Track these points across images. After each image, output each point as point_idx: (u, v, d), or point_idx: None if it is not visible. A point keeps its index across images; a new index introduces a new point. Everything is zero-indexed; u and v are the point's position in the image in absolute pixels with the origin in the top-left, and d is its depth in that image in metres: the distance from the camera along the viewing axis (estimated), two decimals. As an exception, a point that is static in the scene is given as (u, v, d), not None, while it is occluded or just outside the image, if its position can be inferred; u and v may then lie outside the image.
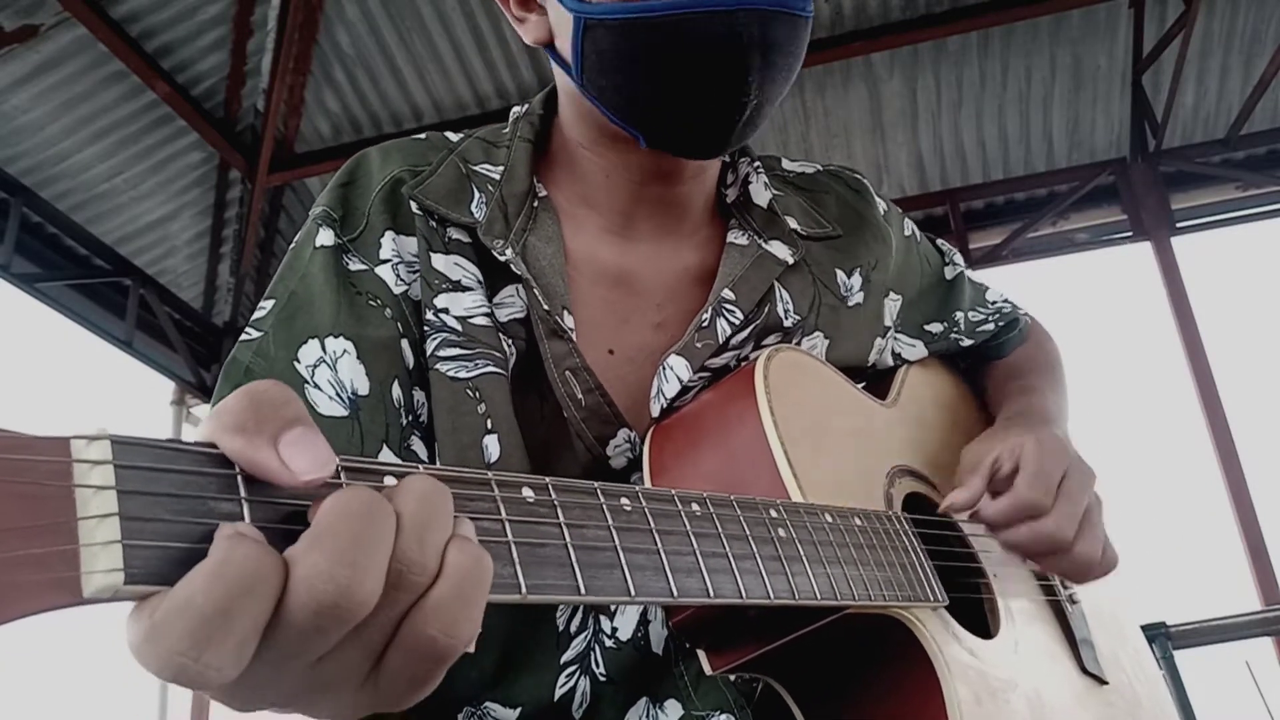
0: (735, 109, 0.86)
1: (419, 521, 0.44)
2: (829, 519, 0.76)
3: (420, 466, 0.48)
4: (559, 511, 0.52)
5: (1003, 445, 0.97)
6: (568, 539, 0.51)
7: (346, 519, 0.42)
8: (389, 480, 0.46)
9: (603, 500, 0.55)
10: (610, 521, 0.54)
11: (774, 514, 0.71)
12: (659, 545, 0.57)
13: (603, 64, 0.87)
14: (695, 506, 0.64)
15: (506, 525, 0.49)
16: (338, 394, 0.82)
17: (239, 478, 0.42)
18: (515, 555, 0.48)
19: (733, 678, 0.86)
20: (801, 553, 0.70)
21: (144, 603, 0.40)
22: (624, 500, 0.57)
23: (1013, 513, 0.92)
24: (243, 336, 0.86)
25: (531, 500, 0.51)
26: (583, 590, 0.49)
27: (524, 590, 0.47)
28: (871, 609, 0.77)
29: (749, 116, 0.87)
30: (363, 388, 0.83)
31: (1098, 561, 0.96)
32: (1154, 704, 1.13)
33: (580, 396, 0.90)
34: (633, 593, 0.52)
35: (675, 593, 0.55)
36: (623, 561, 0.53)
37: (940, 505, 0.96)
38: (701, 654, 0.81)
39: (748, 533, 0.67)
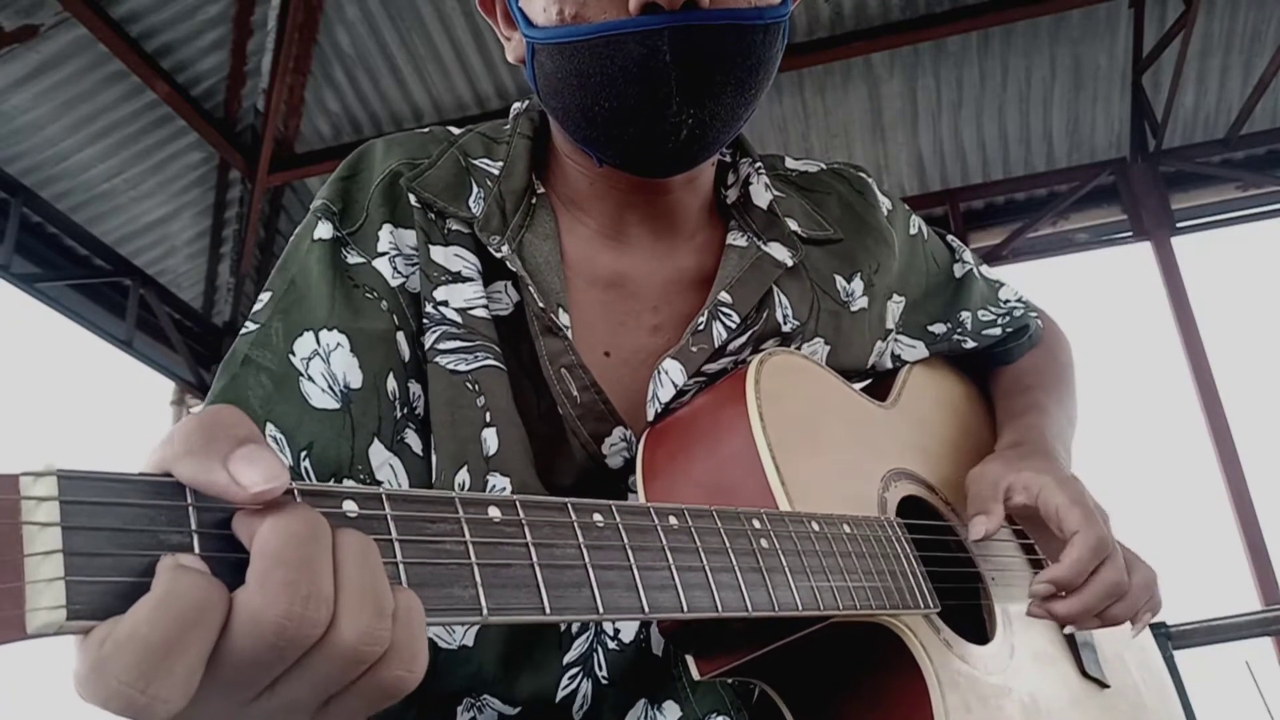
0: (668, 129, 0.83)
1: (361, 582, 0.44)
2: (815, 527, 0.75)
3: (383, 489, 0.48)
4: (526, 531, 0.52)
5: (1015, 476, 0.97)
6: (534, 558, 0.51)
7: (292, 545, 0.42)
8: (348, 505, 0.46)
9: (573, 517, 0.55)
10: (580, 539, 0.54)
11: (757, 524, 0.70)
12: (631, 561, 0.56)
13: (549, 86, 0.88)
14: (673, 520, 0.63)
15: (470, 547, 0.48)
16: (330, 386, 0.82)
17: (190, 509, 0.42)
18: (478, 577, 0.48)
19: (730, 680, 0.85)
20: (784, 563, 0.70)
21: (90, 636, 0.40)
22: (596, 516, 0.57)
23: (1088, 560, 0.90)
24: (242, 330, 0.86)
25: (498, 520, 0.51)
26: (548, 610, 0.49)
27: (485, 612, 0.47)
28: (858, 617, 0.76)
29: (692, 134, 0.83)
30: (355, 381, 0.83)
31: (1155, 594, 0.96)
32: (1159, 706, 1.11)
33: (575, 393, 0.90)
34: (601, 610, 0.52)
35: (647, 609, 0.55)
36: (592, 579, 0.53)
37: (965, 536, 0.96)
38: (690, 659, 0.80)
39: (728, 545, 0.66)
